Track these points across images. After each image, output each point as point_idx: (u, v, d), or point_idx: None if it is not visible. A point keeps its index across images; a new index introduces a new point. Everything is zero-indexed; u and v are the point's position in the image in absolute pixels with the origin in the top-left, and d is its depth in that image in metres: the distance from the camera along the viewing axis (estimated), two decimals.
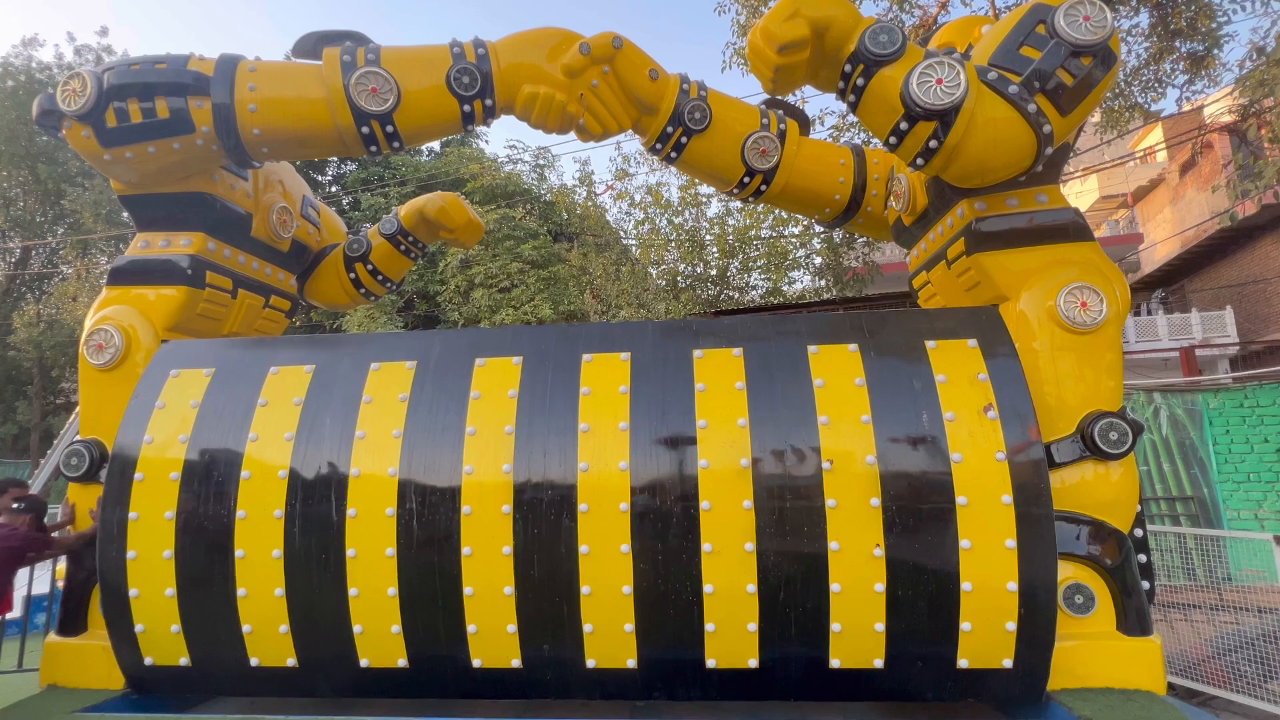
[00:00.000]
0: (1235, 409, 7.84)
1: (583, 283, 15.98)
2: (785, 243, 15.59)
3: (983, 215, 3.64)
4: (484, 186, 17.56)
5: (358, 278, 5.14)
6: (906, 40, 3.16)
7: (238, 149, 3.78)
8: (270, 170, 4.58)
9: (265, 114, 3.66)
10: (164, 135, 3.64)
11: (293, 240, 4.70)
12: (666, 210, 15.83)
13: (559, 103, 3.84)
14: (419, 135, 3.95)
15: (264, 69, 3.75)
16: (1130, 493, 3.28)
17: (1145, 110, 10.96)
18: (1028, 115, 3.04)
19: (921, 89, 3.01)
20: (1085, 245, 3.55)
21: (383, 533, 3.19)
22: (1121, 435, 3.17)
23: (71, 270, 22.92)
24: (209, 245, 4.07)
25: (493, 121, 4.09)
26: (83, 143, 3.69)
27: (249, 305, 4.39)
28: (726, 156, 4.34)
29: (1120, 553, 3.20)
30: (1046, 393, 3.29)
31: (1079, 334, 3.30)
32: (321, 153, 4.17)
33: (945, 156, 3.17)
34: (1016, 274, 3.53)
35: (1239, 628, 5.42)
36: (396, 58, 3.75)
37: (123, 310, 3.93)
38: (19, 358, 21.63)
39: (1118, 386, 3.32)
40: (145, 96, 3.57)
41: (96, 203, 22.87)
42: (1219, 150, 19.54)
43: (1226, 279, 20.89)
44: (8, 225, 25.02)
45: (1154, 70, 10.39)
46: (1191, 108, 14.68)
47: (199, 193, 4.01)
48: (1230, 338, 19.18)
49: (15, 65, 23.56)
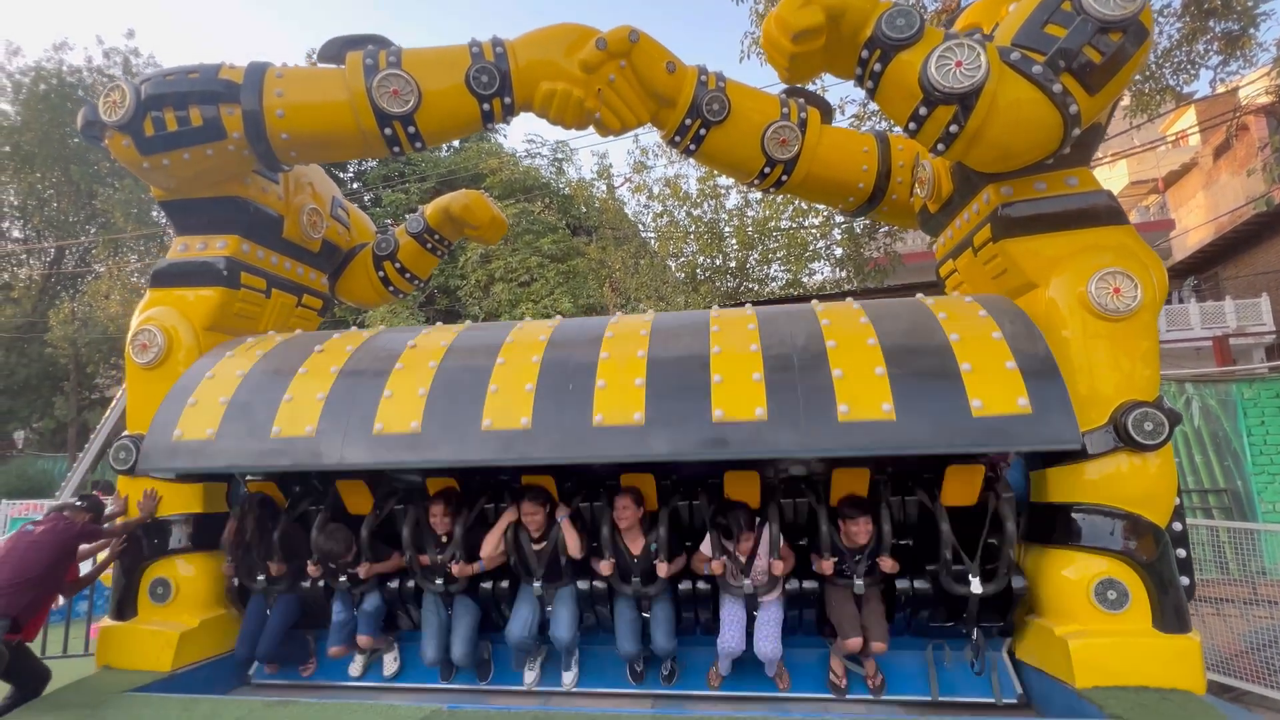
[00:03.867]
0: (1271, 399, 7.64)
1: (601, 276, 15.99)
2: (805, 234, 15.46)
3: (1009, 200, 3.55)
4: (503, 181, 17.62)
5: (386, 275, 5.32)
6: (924, 23, 3.10)
7: (267, 153, 3.90)
8: (300, 173, 4.75)
9: (292, 118, 3.77)
10: (198, 142, 3.78)
11: (323, 240, 4.89)
12: (685, 203, 15.77)
13: (576, 98, 3.88)
14: (440, 134, 4.03)
15: (290, 75, 3.86)
16: (1168, 486, 3.19)
17: (1177, 93, 10.66)
18: (1053, 96, 2.96)
19: (940, 72, 2.95)
20: (1119, 229, 3.44)
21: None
22: (1157, 426, 3.05)
23: (104, 269, 23.49)
24: (243, 247, 4.25)
25: (512, 119, 4.15)
26: (123, 151, 3.86)
27: (282, 304, 4.60)
28: (746, 147, 4.31)
29: (1157, 548, 3.11)
30: (1078, 382, 3.19)
31: (1112, 321, 3.21)
32: (347, 154, 4.30)
33: (967, 141, 3.12)
34: (1046, 260, 3.45)
35: (1274, 622, 5.31)
36: (417, 60, 3.84)
37: (164, 311, 4.12)
38: (55, 355, 22.25)
39: (1154, 375, 3.21)
40: (180, 105, 3.72)
41: (127, 202, 23.40)
42: (1255, 133, 18.94)
43: (1262, 265, 20.25)
44: (42, 225, 25.70)
45: (1186, 51, 10.10)
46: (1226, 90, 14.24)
47: (233, 197, 4.17)
48: (1266, 326, 18.62)
49: (47, 69, 24.13)
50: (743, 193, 15.40)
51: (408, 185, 18.62)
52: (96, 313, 21.79)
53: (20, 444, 27.54)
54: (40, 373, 23.39)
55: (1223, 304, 19.16)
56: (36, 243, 26.05)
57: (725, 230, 15.55)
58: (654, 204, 16.36)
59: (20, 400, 23.71)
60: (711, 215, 15.72)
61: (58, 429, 24.67)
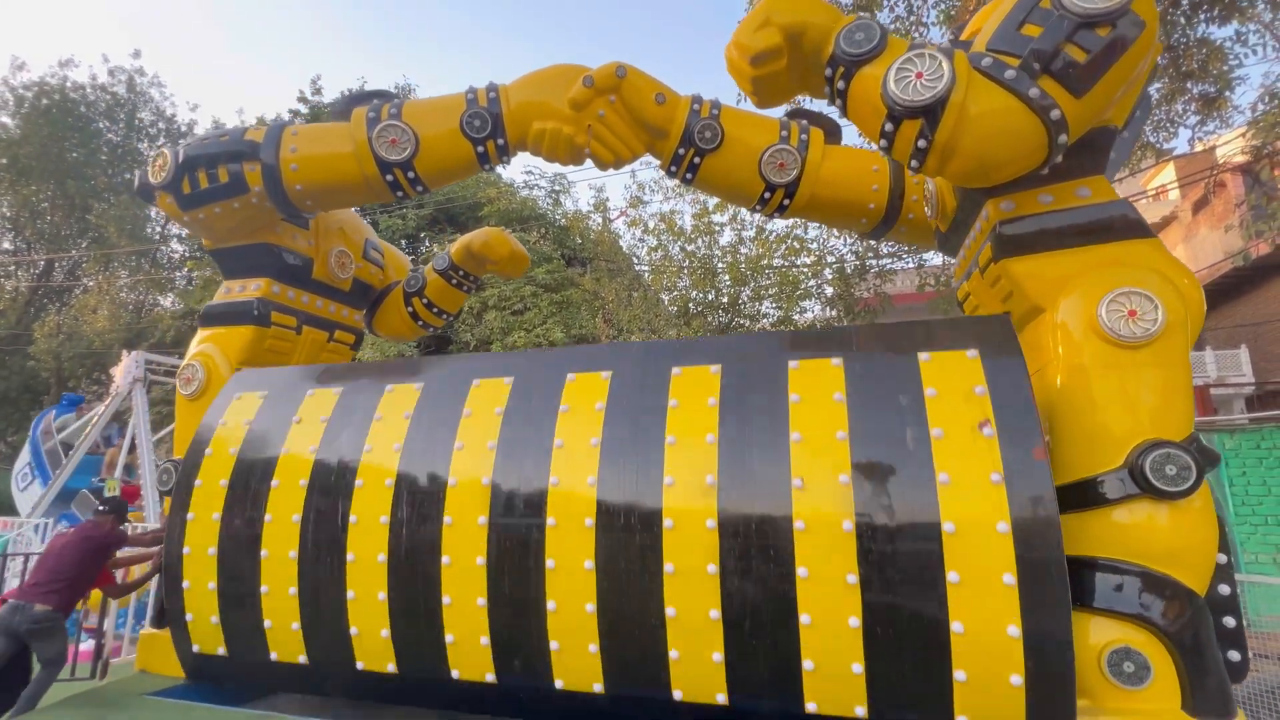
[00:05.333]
0: (1252, 450, 7.76)
1: (595, 307, 16.09)
2: (797, 272, 15.67)
3: (1009, 216, 3.22)
4: (500, 210, 17.81)
5: (415, 311, 5.60)
6: (886, 35, 2.91)
7: (285, 203, 4.27)
8: (330, 218, 5.11)
9: (304, 170, 4.14)
10: (226, 197, 4.18)
11: (354, 280, 5.24)
12: (679, 238, 15.99)
13: (566, 135, 3.97)
14: (440, 178, 4.29)
15: (304, 131, 4.25)
16: (1203, 540, 2.72)
17: (1157, 149, 11.06)
18: (1029, 101, 2.68)
19: (900, 86, 2.74)
20: (1138, 243, 3.03)
21: (377, 540, 3.29)
22: (1182, 470, 2.61)
23: (93, 283, 23.37)
24: (274, 289, 4.63)
25: (509, 159, 4.31)
26: (169, 208, 4.33)
27: (313, 339, 4.93)
28: (743, 173, 4.20)
29: (1186, 613, 2.62)
30: (1088, 419, 2.82)
31: (1127, 348, 2.80)
32: (356, 200, 4.57)
33: (939, 156, 2.85)
34: (1051, 281, 3.08)
35: (1259, 675, 5.31)
36: (416, 109, 4.14)
37: (207, 348, 4.52)
38: (37, 368, 21.94)
39: (1183, 410, 2.78)
40: (210, 165, 4.15)
41: (121, 218, 23.41)
42: (1232, 189, 19.55)
43: (1241, 318, 20.73)
44: (34, 237, 25.61)
45: (1166, 110, 10.52)
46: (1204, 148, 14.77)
47: (263, 243, 4.59)
48: (1246, 377, 18.99)
49: (51, 84, 24.35)
50: (736, 230, 15.65)
51: (405, 212, 18.78)
52: (83, 326, 21.59)
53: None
54: (20, 385, 23.02)
55: (1204, 354, 19.53)
56: (26, 254, 25.89)
57: (718, 266, 15.75)
58: (649, 238, 16.58)
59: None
60: (705, 251, 15.93)
61: None
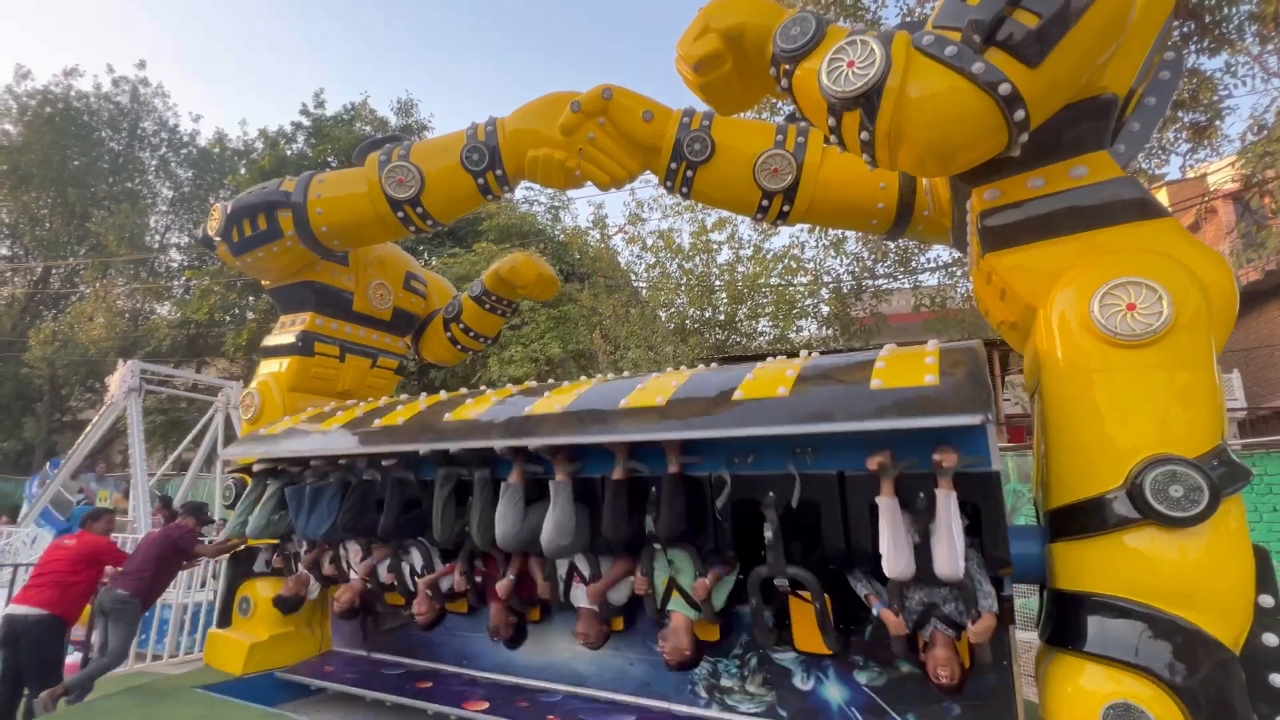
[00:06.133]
0: None
1: (592, 323, 16.13)
2: (794, 292, 15.78)
3: (993, 205, 2.88)
4: (499, 225, 17.90)
5: (454, 336, 5.94)
6: (824, 26, 2.72)
7: (314, 242, 4.66)
8: (369, 254, 5.49)
9: (328, 212, 4.54)
10: (266, 242, 4.65)
11: (394, 310, 5.64)
12: (677, 255, 16.09)
13: (558, 160, 4.07)
14: (447, 211, 4.55)
15: (328, 178, 4.66)
16: (1231, 577, 2.27)
17: (1149, 175, 11.23)
18: (974, 78, 2.39)
19: (831, 77, 2.54)
20: (1146, 224, 2.63)
21: None
22: (1190, 491, 2.20)
23: (90, 291, 23.32)
24: (317, 321, 5.11)
25: (510, 189, 4.48)
26: (225, 255, 4.85)
27: (357, 366, 5.33)
28: (739, 182, 4.10)
29: (1203, 666, 2.18)
30: (1085, 432, 2.48)
31: (1128, 348, 2.42)
32: (377, 237, 4.93)
33: (886, 146, 2.60)
34: (1043, 275, 2.73)
35: None
36: (422, 149, 4.46)
37: (263, 378, 5.06)
38: (31, 375, 21.82)
39: (1200, 419, 2.35)
40: (251, 215, 4.62)
41: (121, 227, 23.41)
42: (1223, 216, 19.80)
43: (1233, 343, 20.90)
44: (32, 244, 25.59)
45: (1158, 138, 10.71)
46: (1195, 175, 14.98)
47: (306, 281, 5.11)
48: (1238, 402, 19.09)
49: (55, 93, 24.46)
50: (734, 248, 15.78)
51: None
52: (78, 334, 21.52)
53: None
54: (12, 393, 22.88)
55: None
56: (24, 261, 25.87)
57: (716, 284, 15.84)
58: (647, 255, 16.68)
59: None
60: (703, 269, 16.03)
61: (24, 451, 23.97)
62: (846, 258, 14.71)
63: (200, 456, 12.41)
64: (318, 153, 19.68)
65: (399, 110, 21.34)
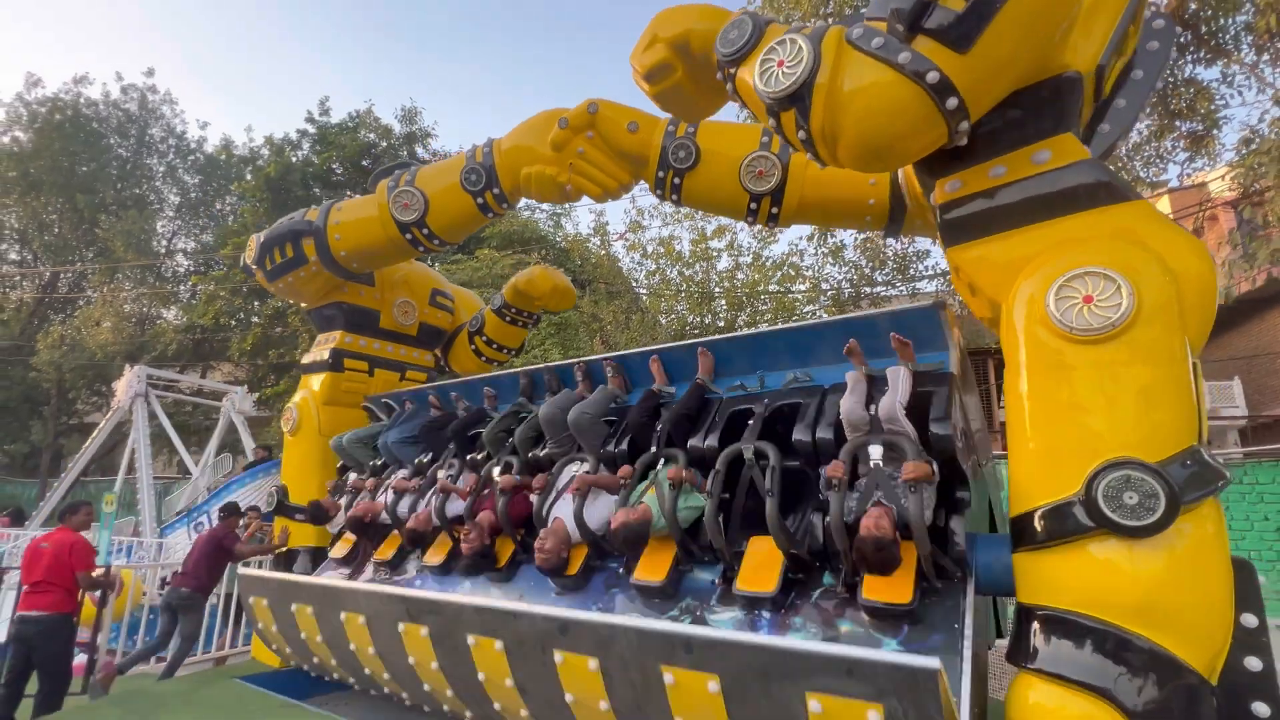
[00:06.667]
0: (1234, 485, 7.83)
1: (593, 330, 16.26)
2: (792, 299, 15.87)
3: (954, 197, 2.73)
4: (501, 232, 18.06)
5: (478, 348, 6.22)
6: (761, 28, 2.66)
7: (335, 266, 4.98)
8: (394, 274, 5.80)
9: (345, 237, 4.85)
10: (294, 268, 5.00)
11: (420, 325, 5.97)
12: (677, 262, 16.21)
13: (549, 176, 4.22)
14: (452, 231, 4.79)
15: (345, 205, 4.96)
16: (1200, 593, 2.04)
17: (1147, 183, 11.29)
18: (901, 69, 2.28)
19: (764, 78, 2.49)
20: (1112, 209, 2.42)
21: None
22: (1146, 498, 2.02)
23: (97, 295, 23.57)
24: (346, 339, 5.46)
25: (509, 206, 4.65)
26: (263, 281, 5.24)
27: (385, 379, 5.67)
28: (726, 187, 4.14)
29: (1163, 688, 1.96)
30: (1043, 435, 2.32)
31: (1086, 343, 2.24)
32: (391, 258, 5.22)
33: (824, 143, 2.52)
34: (1004, 268, 2.57)
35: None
36: (426, 173, 4.70)
37: (302, 393, 5.43)
38: (39, 378, 22.06)
39: (1164, 419, 2.14)
40: (280, 243, 4.98)
41: (128, 232, 23.66)
42: (1224, 224, 19.83)
43: (1235, 349, 20.89)
44: (41, 249, 25.88)
45: (1155, 146, 10.77)
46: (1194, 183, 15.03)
47: (335, 302, 5.46)
48: (1239, 409, 19.07)
49: (65, 100, 24.77)
50: (734, 256, 15.88)
51: None
52: (86, 338, 21.74)
53: None
54: (20, 396, 23.10)
55: None
56: (33, 266, 26.16)
57: (715, 290, 15.94)
58: (647, 262, 16.81)
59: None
60: (702, 276, 16.14)
61: (31, 453, 24.20)
62: (845, 265, 14.80)
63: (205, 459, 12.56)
64: (323, 160, 19.88)
65: (403, 118, 21.52)
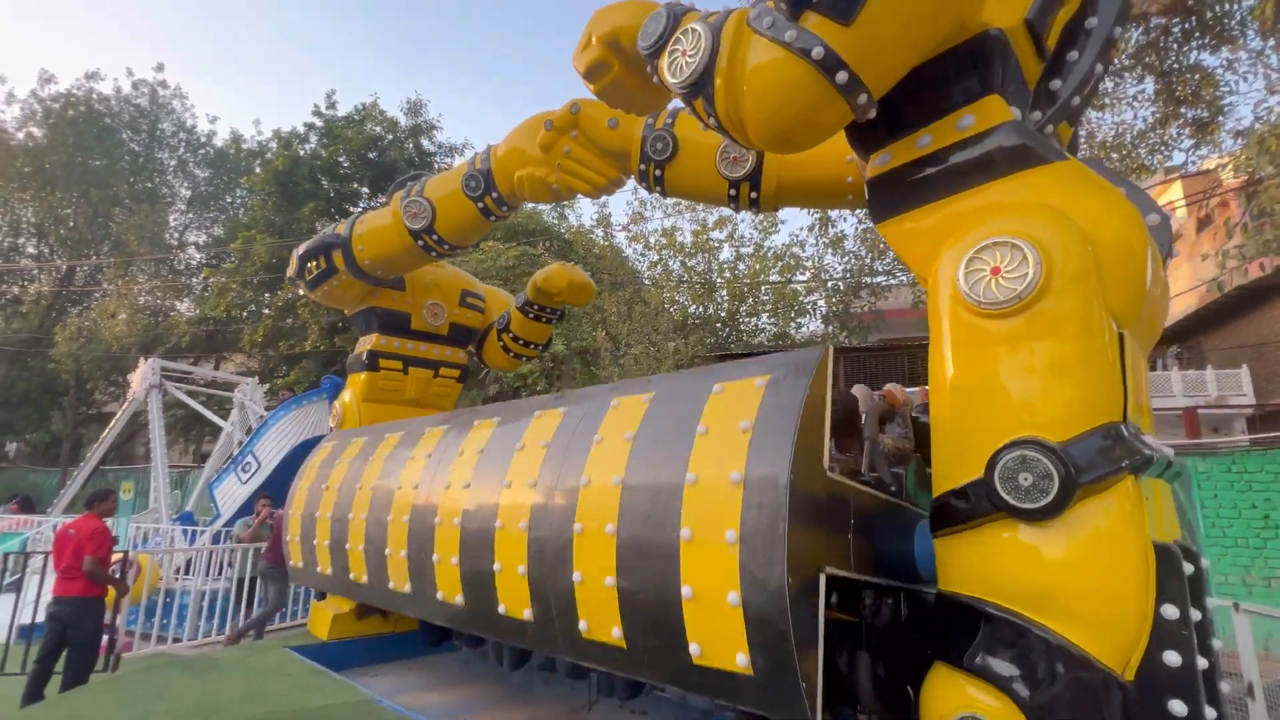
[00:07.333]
0: (1224, 474, 7.91)
1: (596, 320, 16.43)
2: (793, 290, 15.95)
3: (882, 171, 2.62)
4: (506, 224, 18.24)
5: (505, 345, 6.46)
6: (678, 19, 2.61)
7: (361, 274, 5.29)
8: (424, 277, 6.11)
9: (367, 247, 5.17)
10: (328, 278, 5.37)
11: (451, 325, 6.29)
12: (680, 253, 16.32)
13: (539, 177, 4.35)
14: (460, 236, 5.03)
15: (366, 217, 5.28)
16: (1099, 578, 1.91)
17: (1150, 170, 11.24)
18: (789, 47, 2.20)
19: (671, 69, 2.48)
20: (1027, 174, 2.29)
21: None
22: (1040, 479, 1.93)
23: (113, 288, 24.02)
24: (381, 341, 5.81)
25: (509, 208, 4.83)
26: (306, 291, 5.62)
27: (419, 377, 6.02)
28: (705, 175, 4.12)
29: (1058, 680, 1.89)
30: (955, 416, 2.22)
31: (994, 317, 2.12)
32: (408, 264, 5.51)
33: (735, 129, 2.45)
34: (926, 242, 2.44)
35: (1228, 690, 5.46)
36: (433, 182, 4.95)
37: (347, 392, 5.85)
38: (57, 370, 22.59)
39: (1075, 395, 2.01)
40: (314, 256, 5.36)
41: (141, 226, 24.06)
42: (1234, 209, 19.63)
43: (1244, 337, 20.75)
44: (57, 243, 26.37)
45: (1160, 134, 10.74)
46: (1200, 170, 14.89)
47: (370, 307, 5.82)
48: (1247, 397, 18.96)
49: (77, 96, 25.12)
50: (735, 246, 15.97)
51: None
52: (102, 330, 22.21)
53: (12, 456, 27.61)
54: (40, 387, 23.69)
55: (1204, 373, 19.54)
56: (50, 260, 26.66)
57: (717, 281, 16.05)
58: (650, 253, 16.93)
59: (17, 413, 23.94)
60: (704, 266, 16.25)
61: (51, 443, 24.82)
62: (845, 255, 14.86)
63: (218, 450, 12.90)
64: (330, 153, 20.11)
65: (408, 111, 21.68)
